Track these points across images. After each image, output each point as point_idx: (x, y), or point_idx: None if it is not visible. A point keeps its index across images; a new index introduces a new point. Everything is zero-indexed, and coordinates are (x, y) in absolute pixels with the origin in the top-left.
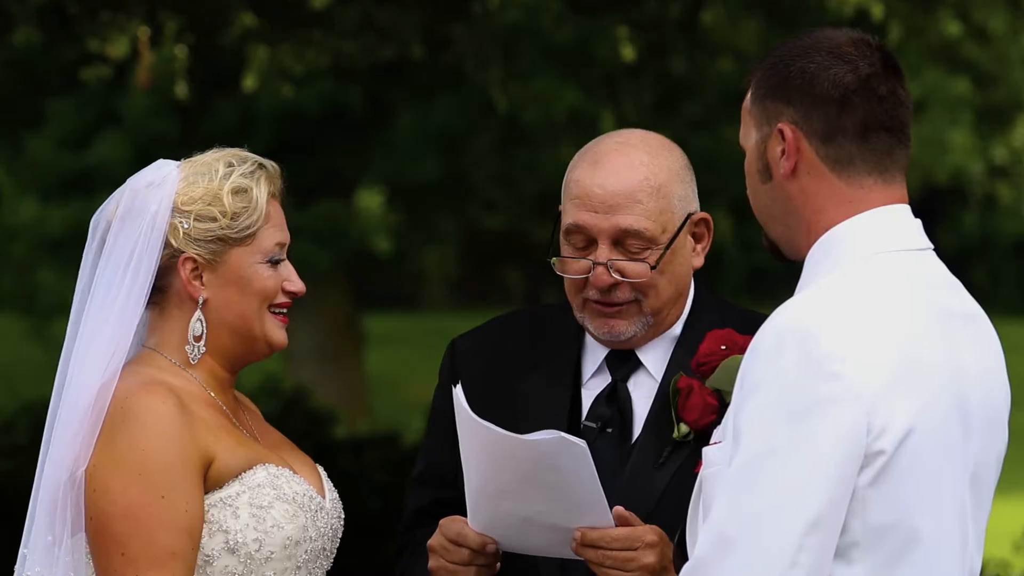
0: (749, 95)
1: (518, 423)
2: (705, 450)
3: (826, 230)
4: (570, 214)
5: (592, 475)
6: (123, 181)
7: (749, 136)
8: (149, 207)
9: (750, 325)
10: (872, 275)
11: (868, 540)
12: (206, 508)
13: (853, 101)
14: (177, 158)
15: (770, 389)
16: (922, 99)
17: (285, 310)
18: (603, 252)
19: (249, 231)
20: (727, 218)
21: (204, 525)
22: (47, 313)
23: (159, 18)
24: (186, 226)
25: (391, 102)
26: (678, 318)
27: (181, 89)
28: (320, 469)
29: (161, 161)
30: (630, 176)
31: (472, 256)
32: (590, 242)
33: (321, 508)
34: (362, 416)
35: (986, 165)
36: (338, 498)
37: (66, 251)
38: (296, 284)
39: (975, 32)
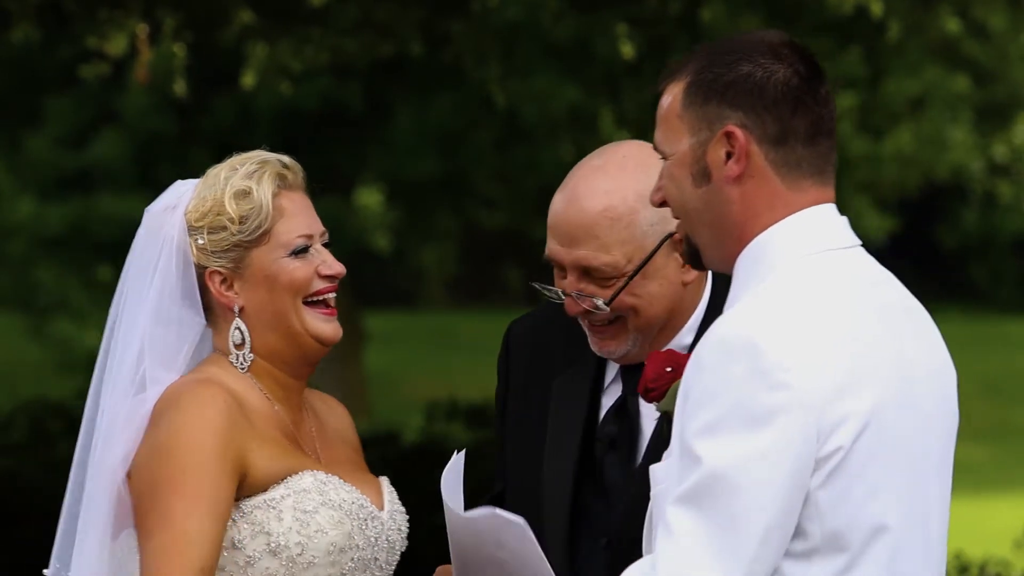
0: (677, 100)
1: (547, 425)
2: (652, 468)
3: (756, 235)
4: (547, 239)
5: (537, 552)
6: (122, 179)
7: (679, 141)
8: (165, 231)
9: None
10: (807, 277)
11: (828, 542)
12: (249, 510)
13: (804, 103)
14: (175, 155)
15: (717, 403)
16: (922, 96)
17: (329, 298)
18: (570, 282)
19: (260, 230)
20: None
21: (247, 526)
22: (45, 311)
23: (157, 15)
24: (201, 242)
25: (390, 99)
26: (684, 325)
27: (180, 87)
28: (385, 485)
29: (179, 182)
30: (589, 207)
31: (471, 254)
32: (563, 269)
33: (373, 517)
34: (361, 414)
35: (986, 163)
36: (403, 514)
37: (64, 249)
38: (332, 267)
39: (975, 29)
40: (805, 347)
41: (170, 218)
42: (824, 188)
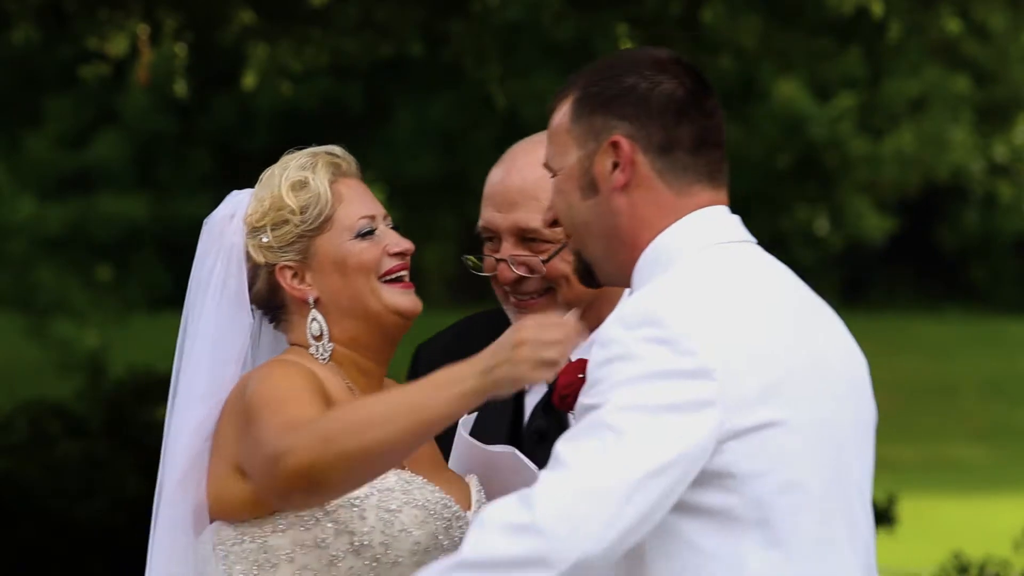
0: (565, 115)
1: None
2: None
3: (649, 242)
4: (481, 213)
5: None
6: (122, 179)
7: (568, 155)
8: (225, 240)
9: None
10: (707, 265)
11: (752, 514)
12: (333, 508)
13: (689, 114)
14: (175, 156)
15: (620, 369)
16: (922, 97)
17: (403, 275)
18: (505, 248)
19: (322, 217)
20: None
21: (331, 525)
22: (44, 311)
23: (158, 16)
24: (266, 239)
25: (390, 99)
26: (609, 312)
27: (180, 87)
28: (474, 485)
29: (235, 191)
30: (529, 173)
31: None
32: (498, 239)
33: (458, 517)
34: None
35: (986, 163)
36: None
37: (64, 249)
38: (400, 244)
39: (975, 29)
40: (709, 322)
41: (229, 227)
42: (716, 192)
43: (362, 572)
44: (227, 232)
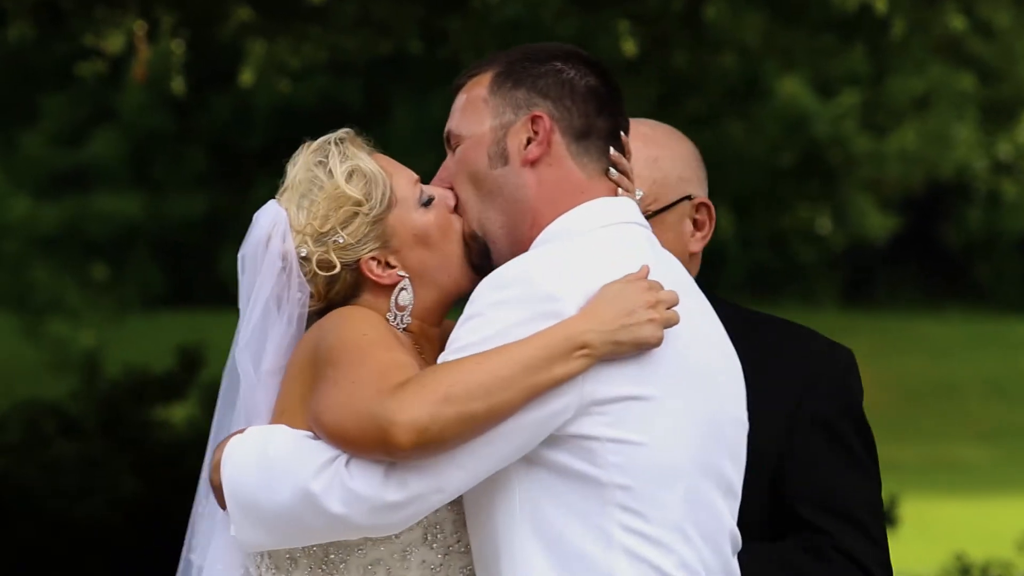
0: (483, 86)
1: None
2: None
3: (552, 220)
4: None
5: None
6: (118, 178)
7: (480, 123)
8: (268, 266)
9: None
10: (601, 238)
11: (623, 487)
12: None
13: (609, 108)
14: (172, 154)
15: (485, 324)
16: (927, 94)
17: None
18: None
19: (386, 196)
20: (729, 214)
21: None
22: (40, 311)
23: (155, 12)
24: (340, 240)
25: (389, 97)
26: None
27: (177, 84)
28: None
29: (257, 213)
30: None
31: None
32: None
33: None
34: None
35: (991, 161)
36: None
37: (59, 248)
38: (452, 197)
39: (980, 27)
40: (582, 287)
41: (274, 248)
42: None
43: (434, 561)
44: (270, 256)
